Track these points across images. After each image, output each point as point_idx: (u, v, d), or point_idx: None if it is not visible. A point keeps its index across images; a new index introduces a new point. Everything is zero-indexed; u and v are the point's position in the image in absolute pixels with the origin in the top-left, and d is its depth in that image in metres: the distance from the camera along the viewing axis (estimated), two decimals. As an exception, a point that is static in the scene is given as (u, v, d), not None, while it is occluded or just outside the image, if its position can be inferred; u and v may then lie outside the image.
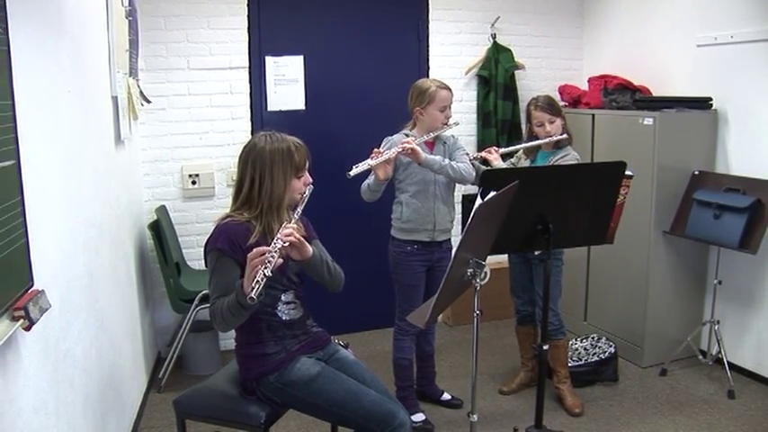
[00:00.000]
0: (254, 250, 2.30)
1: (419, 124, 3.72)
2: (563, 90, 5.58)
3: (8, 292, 2.04)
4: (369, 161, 3.36)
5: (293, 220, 2.50)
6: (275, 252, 2.29)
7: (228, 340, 5.05)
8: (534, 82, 5.69)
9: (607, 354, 4.65)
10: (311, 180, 2.67)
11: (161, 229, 4.45)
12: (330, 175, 4.01)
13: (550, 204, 3.16)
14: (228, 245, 2.52)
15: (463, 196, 4.93)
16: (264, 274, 2.23)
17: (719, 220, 4.32)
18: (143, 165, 4.86)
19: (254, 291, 2.23)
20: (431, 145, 3.74)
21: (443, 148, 3.73)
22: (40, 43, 2.52)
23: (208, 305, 2.67)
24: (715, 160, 4.75)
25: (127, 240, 4.02)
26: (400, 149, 3.43)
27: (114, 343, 3.46)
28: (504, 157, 4.08)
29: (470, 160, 3.76)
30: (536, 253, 3.85)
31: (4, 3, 2.02)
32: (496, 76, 5.44)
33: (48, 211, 2.50)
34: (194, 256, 4.99)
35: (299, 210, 2.57)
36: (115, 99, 3.71)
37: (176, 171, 4.94)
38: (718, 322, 4.64)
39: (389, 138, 3.75)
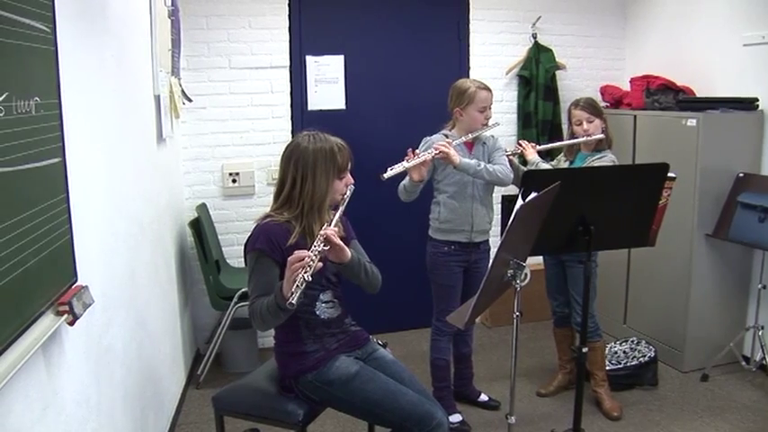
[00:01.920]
0: (294, 254, 2.30)
1: (459, 125, 3.71)
2: (605, 90, 5.52)
3: (53, 287, 2.06)
4: (404, 163, 3.35)
5: (334, 222, 2.51)
6: (315, 256, 2.30)
7: (267, 338, 5.05)
8: (575, 82, 5.66)
9: (647, 357, 4.60)
10: (353, 181, 2.68)
11: (201, 227, 4.44)
12: (369, 174, 3.91)
13: (592, 206, 3.13)
14: (268, 245, 2.53)
15: (503, 197, 4.60)
16: (304, 279, 2.25)
17: (764, 224, 4.26)
18: (184, 163, 4.88)
19: (294, 296, 2.25)
20: (470, 146, 3.72)
21: (483, 148, 3.71)
22: (84, 42, 2.53)
23: (247, 303, 2.68)
24: (761, 162, 4.66)
25: (168, 237, 4.02)
26: (435, 152, 3.42)
27: (154, 339, 3.47)
28: (543, 155, 4.05)
29: (509, 158, 3.75)
30: (571, 255, 3.82)
31: (53, 1, 2.04)
32: (537, 76, 5.40)
33: (91, 208, 2.52)
34: (234, 254, 4.98)
35: (340, 210, 2.57)
36: (157, 98, 3.73)
37: (217, 169, 4.95)
38: (762, 328, 4.60)
39: (428, 138, 3.73)
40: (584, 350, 3.33)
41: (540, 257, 4.59)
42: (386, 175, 3.22)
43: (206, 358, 4.61)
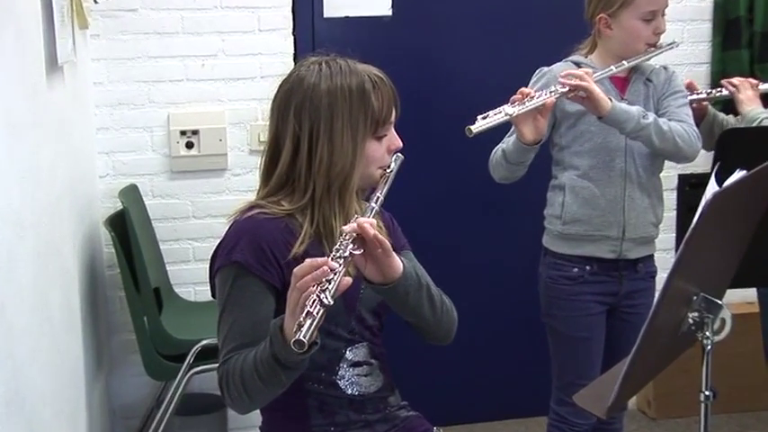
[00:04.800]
0: (305, 263, 1.84)
1: (602, 45, 3.10)
2: None
3: None
4: (506, 108, 2.78)
5: (369, 214, 2.04)
6: (340, 265, 1.84)
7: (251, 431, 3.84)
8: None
9: None
10: (400, 144, 2.20)
11: (129, 229, 3.63)
12: (433, 135, 3.73)
13: None
14: (255, 256, 2.05)
15: (681, 179, 3.57)
16: (323, 303, 1.76)
17: None
18: (98, 112, 3.96)
19: (305, 333, 1.73)
20: (623, 83, 3.12)
21: (646, 89, 3.09)
22: None
23: (212, 364, 2.81)
24: None
25: (66, 248, 3.37)
26: (563, 89, 2.86)
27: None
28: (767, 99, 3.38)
29: (698, 107, 3.20)
30: None
31: None
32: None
33: None
34: (188, 277, 4.12)
35: (380, 195, 2.12)
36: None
37: (157, 124, 4.01)
38: None
39: (545, 69, 3.12)
40: None
41: (752, 291, 3.71)
42: (475, 128, 2.74)
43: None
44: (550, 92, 2.85)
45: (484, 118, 2.77)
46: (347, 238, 1.94)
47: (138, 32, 3.85)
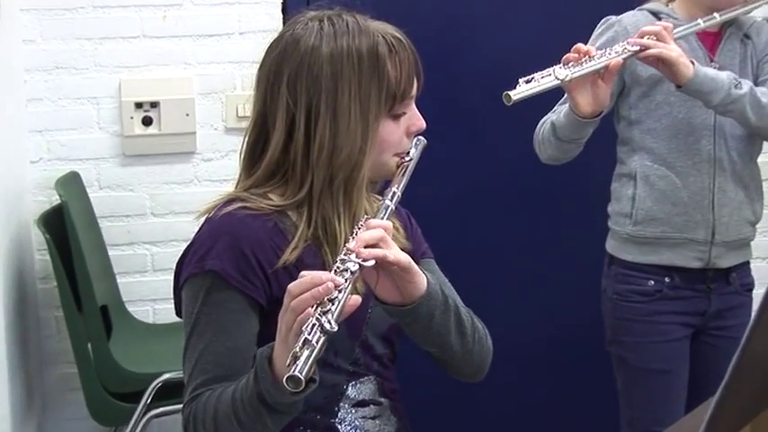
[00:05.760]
0: (303, 278, 1.64)
1: None
2: None
3: None
4: (557, 70, 2.52)
5: (383, 214, 1.84)
6: (346, 280, 1.64)
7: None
8: None
9: None
10: (423, 124, 1.96)
11: (69, 230, 3.27)
12: (462, 111, 3.46)
13: None
14: (234, 263, 1.85)
15: None
16: (324, 329, 1.56)
17: None
18: (27, 77, 3.65)
19: (301, 367, 1.53)
20: (713, 40, 2.83)
21: (743, 49, 2.80)
22: None
23: (177, 405, 2.89)
24: None
25: None
26: (634, 48, 2.59)
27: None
28: None
29: None
30: None
31: None
32: None
33: None
34: (146, 293, 3.76)
35: (397, 190, 1.90)
36: None
37: (105, 94, 3.66)
38: None
39: (612, 19, 2.83)
40: None
41: None
42: (516, 94, 2.47)
43: None
44: (617, 50, 2.53)
45: (528, 81, 2.47)
46: (356, 244, 1.73)
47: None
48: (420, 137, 1.98)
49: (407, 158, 1.94)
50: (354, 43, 1.90)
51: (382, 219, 1.80)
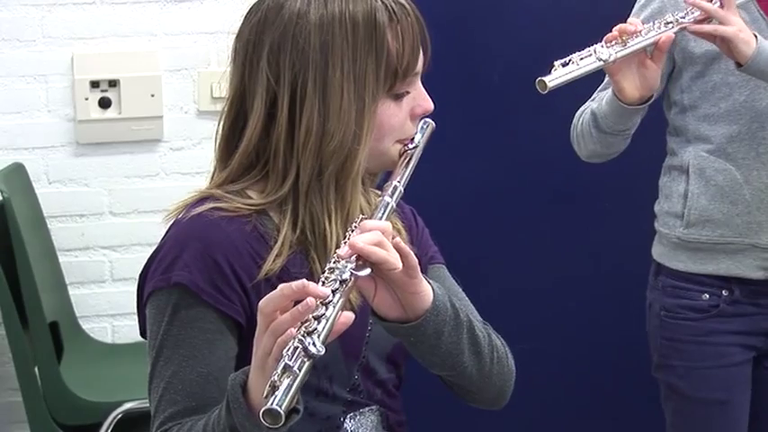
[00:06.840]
0: (277, 291, 1.52)
1: None
2: None
3: None
4: (598, 50, 2.40)
5: (382, 212, 1.73)
6: (335, 293, 1.55)
7: None
8: None
9: None
10: (430, 106, 1.83)
11: (12, 232, 3.16)
12: (481, 93, 3.35)
13: None
14: (206, 275, 1.77)
15: None
16: (308, 353, 1.49)
17: None
18: None
19: (280, 398, 1.46)
20: None
21: None
22: None
23: None
24: None
25: None
26: (687, 19, 2.44)
27: None
28: None
29: None
30: None
31: None
32: None
33: None
34: (103, 307, 3.58)
35: (399, 184, 1.82)
36: None
37: (56, 71, 3.52)
38: None
39: None
40: None
41: None
42: (551, 80, 2.34)
43: None
44: (666, 23, 2.34)
45: (565, 65, 2.29)
46: (351, 248, 1.61)
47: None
48: (427, 119, 1.81)
49: (411, 146, 1.80)
50: (348, 8, 1.76)
51: (380, 218, 1.66)
